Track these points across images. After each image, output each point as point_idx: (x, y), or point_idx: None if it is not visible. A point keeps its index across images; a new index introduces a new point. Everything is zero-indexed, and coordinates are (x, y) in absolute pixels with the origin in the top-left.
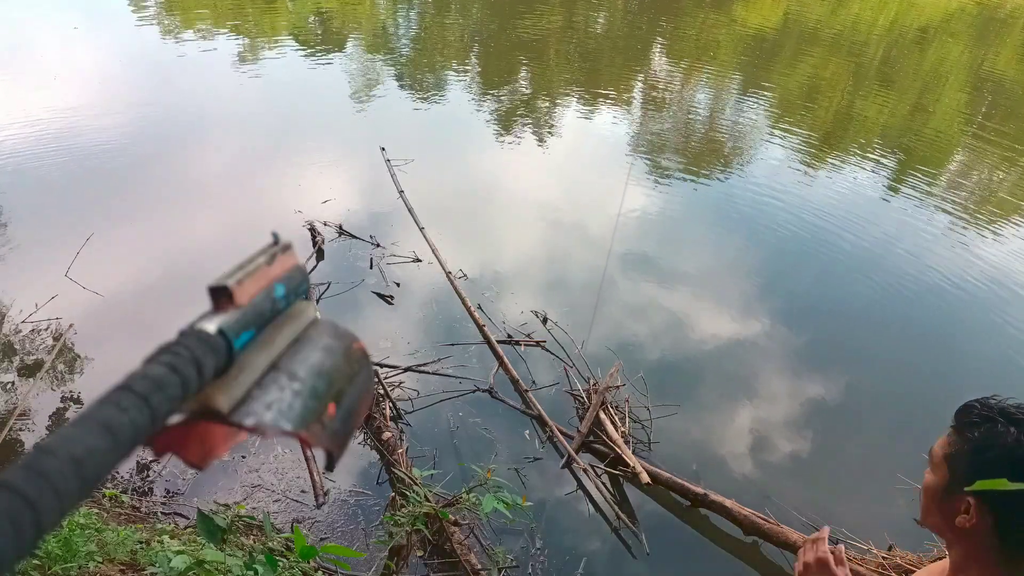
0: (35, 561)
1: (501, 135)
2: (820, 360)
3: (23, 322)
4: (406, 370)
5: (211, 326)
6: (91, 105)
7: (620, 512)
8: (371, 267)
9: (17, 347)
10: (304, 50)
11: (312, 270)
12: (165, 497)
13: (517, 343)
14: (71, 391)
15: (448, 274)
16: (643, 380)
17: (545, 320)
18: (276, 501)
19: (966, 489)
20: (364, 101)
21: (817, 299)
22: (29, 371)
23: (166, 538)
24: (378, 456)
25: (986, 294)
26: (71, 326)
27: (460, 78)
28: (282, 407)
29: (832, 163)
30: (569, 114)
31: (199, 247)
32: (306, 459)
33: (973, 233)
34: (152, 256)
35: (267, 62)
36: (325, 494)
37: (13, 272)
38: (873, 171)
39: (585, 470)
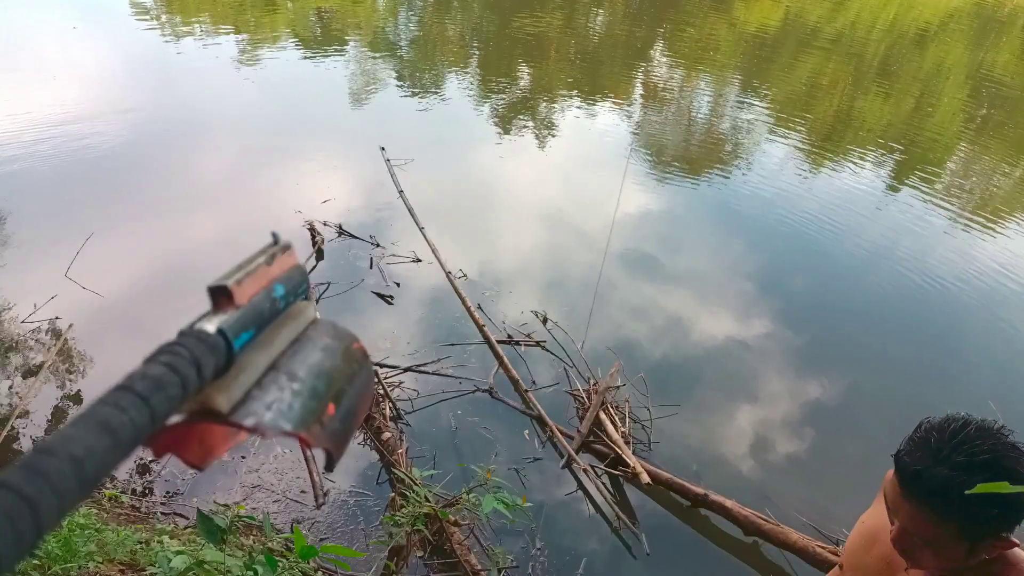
0: (35, 561)
1: (501, 135)
2: (820, 360)
3: (23, 322)
4: (406, 370)
5: (210, 326)
6: (90, 105)
7: (620, 512)
8: (371, 267)
9: (17, 347)
10: (304, 50)
11: (312, 270)
12: (165, 497)
13: (517, 343)
14: (71, 391)
15: (448, 274)
16: (643, 380)
17: (545, 320)
18: (276, 501)
19: (970, 492)
20: (364, 101)
21: (817, 298)
22: (29, 371)
23: (166, 538)
24: (378, 456)
25: (987, 293)
26: (71, 326)
27: (460, 78)
28: (282, 407)
29: (832, 162)
30: (569, 114)
31: (199, 247)
32: (306, 459)
33: (974, 232)
34: (152, 256)
35: (267, 62)
36: (325, 494)
37: (13, 272)
38: (874, 170)
39: (585, 470)
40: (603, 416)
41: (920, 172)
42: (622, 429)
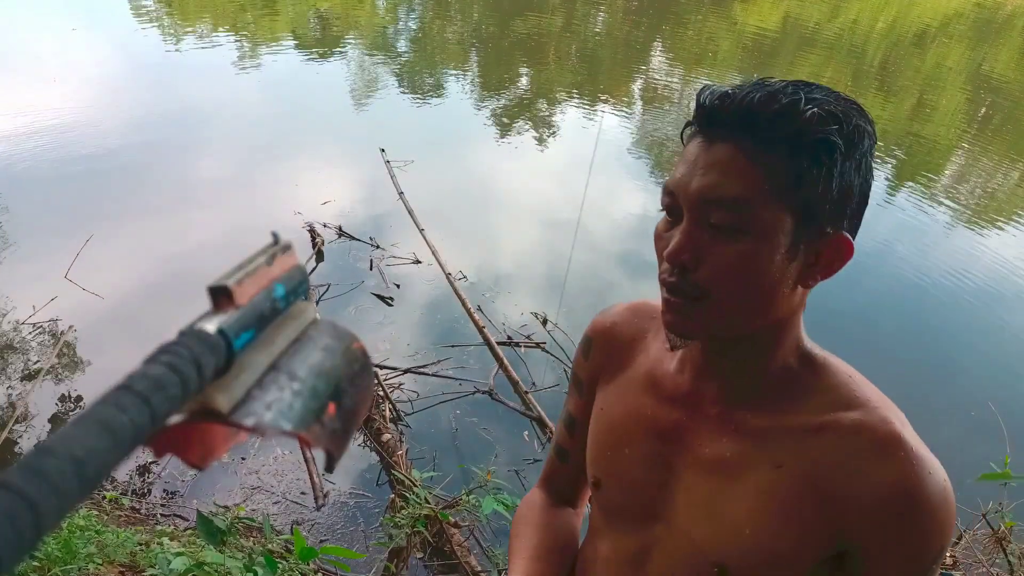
0: (35, 563)
1: (501, 136)
2: None
3: (22, 323)
4: (406, 371)
5: (211, 326)
6: (90, 106)
7: None
8: (371, 268)
9: (16, 349)
10: (304, 51)
11: (312, 271)
12: (164, 499)
13: (517, 345)
14: (71, 392)
15: (448, 275)
16: None
17: (545, 322)
18: (276, 503)
19: None
20: (364, 102)
21: (816, 299)
22: (28, 373)
23: (166, 540)
24: (377, 458)
25: (987, 293)
26: (71, 327)
27: (460, 79)
28: (282, 407)
29: None
30: (569, 114)
31: (199, 248)
32: (306, 460)
33: (974, 232)
34: (152, 257)
35: (267, 63)
36: (325, 496)
37: (12, 273)
38: (873, 170)
39: None
40: None
41: (919, 173)
42: None
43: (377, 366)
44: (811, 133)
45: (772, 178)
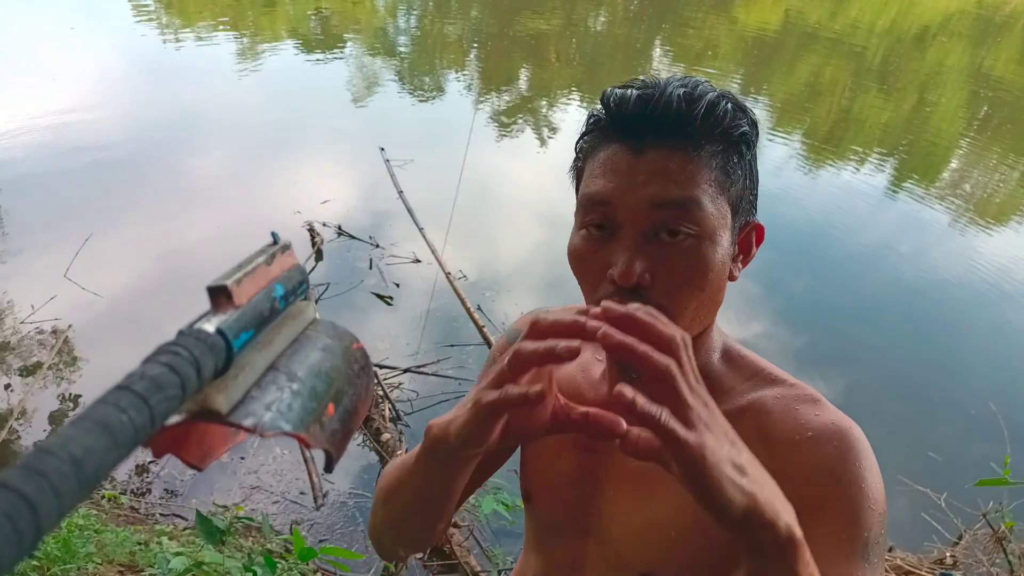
0: (34, 562)
1: (501, 135)
2: (820, 360)
3: (22, 323)
4: (405, 371)
5: (210, 326)
6: (89, 105)
7: None
8: (370, 267)
9: (16, 348)
10: (303, 50)
11: (311, 271)
12: (163, 498)
13: None
14: (70, 392)
15: (448, 275)
16: None
17: None
18: (275, 503)
19: None
20: (364, 101)
21: (817, 299)
22: (28, 372)
23: (165, 539)
24: (377, 458)
25: (986, 294)
26: (70, 327)
27: (459, 78)
28: (281, 408)
29: (832, 163)
30: (569, 113)
31: (198, 247)
32: (305, 460)
33: (974, 233)
34: (151, 256)
35: (266, 62)
36: (324, 496)
37: (12, 273)
38: (873, 171)
39: None
40: None
41: (920, 173)
42: None
43: (376, 366)
44: (735, 128)
45: (709, 175)
